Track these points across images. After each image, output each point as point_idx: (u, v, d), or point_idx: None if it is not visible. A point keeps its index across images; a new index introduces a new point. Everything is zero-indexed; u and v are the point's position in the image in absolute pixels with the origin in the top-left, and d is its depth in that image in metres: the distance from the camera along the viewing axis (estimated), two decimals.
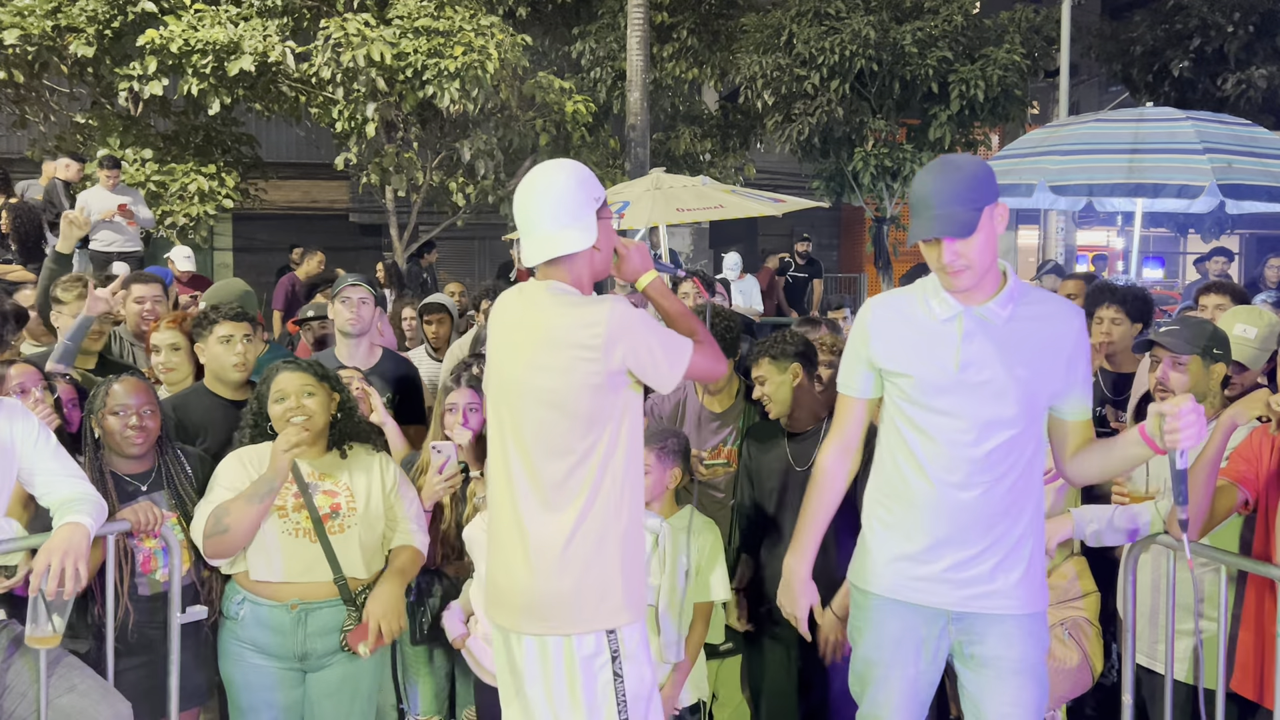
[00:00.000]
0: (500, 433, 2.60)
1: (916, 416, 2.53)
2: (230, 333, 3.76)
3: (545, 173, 2.55)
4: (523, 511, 2.52)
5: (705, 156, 14.61)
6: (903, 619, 2.58)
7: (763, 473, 3.56)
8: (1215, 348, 3.17)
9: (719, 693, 3.70)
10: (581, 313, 2.47)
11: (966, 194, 2.38)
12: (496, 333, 2.65)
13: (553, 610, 2.49)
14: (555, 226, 2.50)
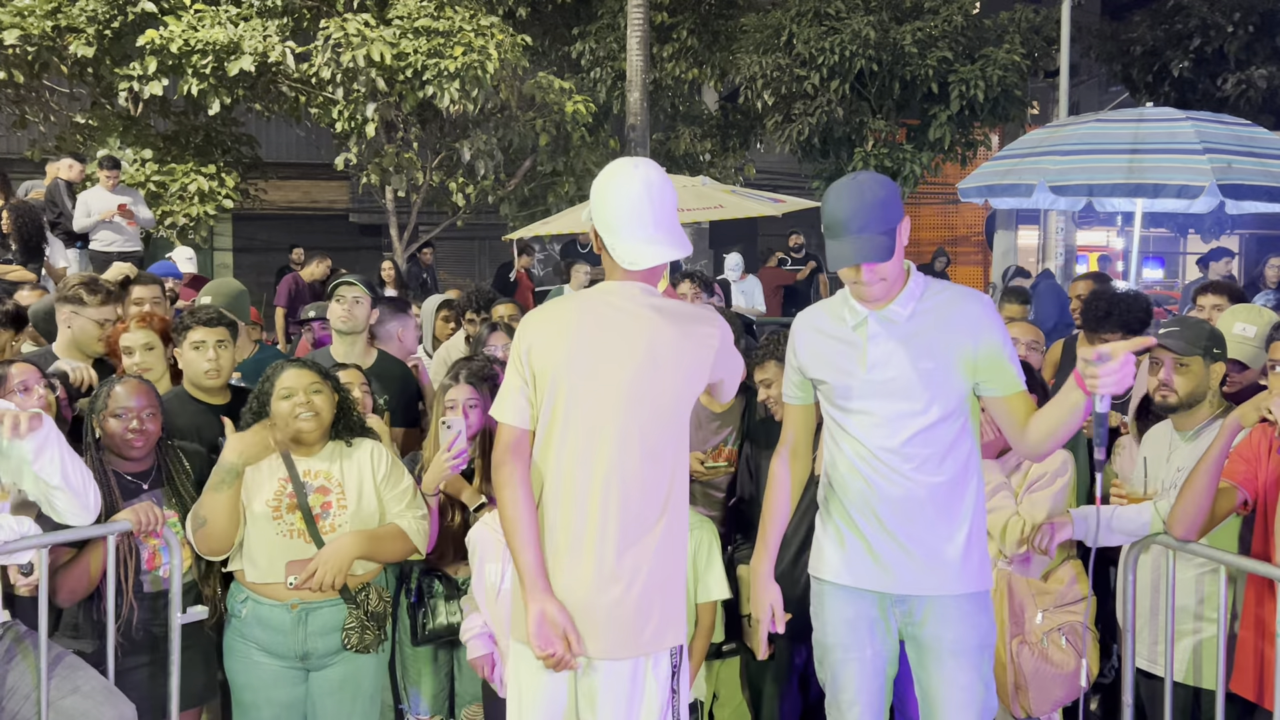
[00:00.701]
0: (596, 439, 2.49)
1: (839, 417, 2.71)
2: (202, 339, 3.74)
3: (654, 172, 2.54)
4: (619, 521, 2.45)
5: (705, 156, 14.61)
6: (854, 604, 2.72)
7: (759, 470, 3.55)
8: (1215, 347, 3.19)
9: (719, 692, 3.70)
10: (699, 315, 2.58)
11: (881, 217, 2.50)
12: (589, 327, 2.53)
13: (645, 628, 2.45)
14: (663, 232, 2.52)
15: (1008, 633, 3.33)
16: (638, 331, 2.49)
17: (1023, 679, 3.31)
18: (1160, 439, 3.36)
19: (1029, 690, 3.30)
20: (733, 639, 3.62)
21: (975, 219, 20.65)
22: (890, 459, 2.62)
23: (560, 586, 2.46)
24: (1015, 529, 3.31)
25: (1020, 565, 3.41)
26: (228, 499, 3.07)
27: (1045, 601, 3.35)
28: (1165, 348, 3.19)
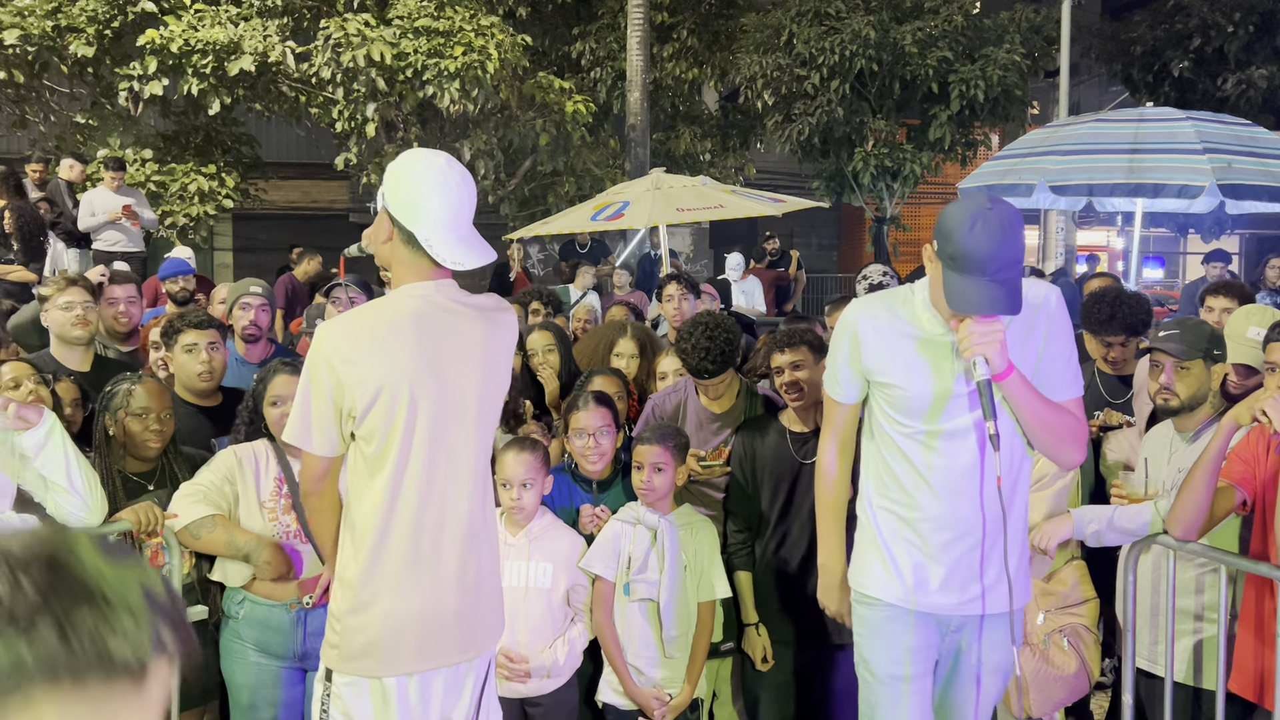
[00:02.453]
0: (445, 448, 2.36)
1: (912, 428, 2.52)
2: (194, 341, 3.74)
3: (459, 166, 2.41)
4: (467, 529, 2.40)
5: (705, 156, 14.61)
6: (920, 631, 2.57)
7: (762, 470, 3.55)
8: (1215, 349, 3.18)
9: (719, 692, 3.70)
10: (505, 321, 2.51)
11: (1019, 258, 2.35)
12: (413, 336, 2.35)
13: (487, 627, 2.46)
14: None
15: None
16: (472, 333, 2.40)
17: (1024, 680, 3.31)
18: (1161, 440, 3.36)
19: (1030, 691, 3.31)
20: (732, 638, 3.62)
21: None
22: (969, 474, 2.48)
23: (408, 601, 2.32)
24: None
25: None
26: (223, 550, 3.09)
27: (1048, 603, 3.35)
28: (1166, 351, 3.19)
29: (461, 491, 2.38)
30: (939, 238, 2.39)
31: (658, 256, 10.38)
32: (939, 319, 2.48)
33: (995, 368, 2.35)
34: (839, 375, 2.65)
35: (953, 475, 2.49)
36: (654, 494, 3.33)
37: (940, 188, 17.72)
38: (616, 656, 3.36)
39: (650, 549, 3.33)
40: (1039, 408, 2.44)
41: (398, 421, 2.30)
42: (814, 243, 21.04)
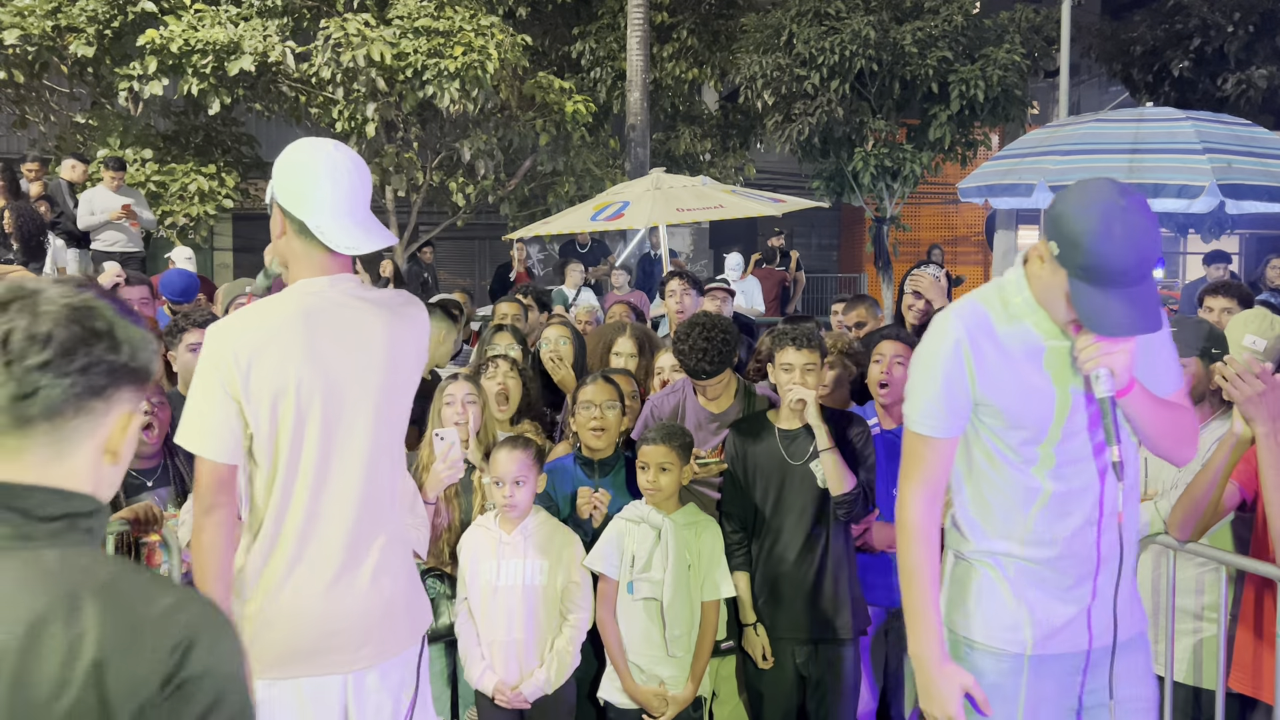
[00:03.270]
0: (351, 448, 2.29)
1: (1024, 454, 2.22)
2: (198, 340, 3.75)
3: (353, 155, 2.37)
4: (374, 526, 2.32)
5: (705, 156, 14.61)
6: (1055, 675, 2.27)
7: (754, 469, 3.55)
8: (1213, 348, 3.17)
9: (719, 690, 3.71)
10: (413, 316, 2.40)
11: (1157, 258, 2.10)
12: (307, 329, 2.27)
13: (407, 620, 2.39)
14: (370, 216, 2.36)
15: None
16: (371, 328, 2.30)
17: None
18: None
19: None
20: (732, 637, 3.63)
21: (975, 219, 20.64)
22: (1097, 498, 2.22)
23: (301, 602, 2.25)
24: None
25: None
26: None
27: None
28: None
29: (357, 492, 2.28)
30: (1062, 243, 2.06)
31: (658, 256, 10.38)
32: (1050, 321, 2.19)
33: (1120, 383, 2.10)
34: (942, 405, 2.23)
35: (1071, 502, 2.22)
36: (660, 494, 3.33)
37: (940, 188, 17.72)
38: (618, 655, 3.36)
39: (654, 548, 3.33)
40: (1160, 414, 2.18)
41: (286, 421, 2.23)
42: (814, 243, 21.05)
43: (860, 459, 3.47)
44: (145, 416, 3.18)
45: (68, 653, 1.08)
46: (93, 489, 1.21)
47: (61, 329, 1.15)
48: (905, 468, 2.33)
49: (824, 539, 3.49)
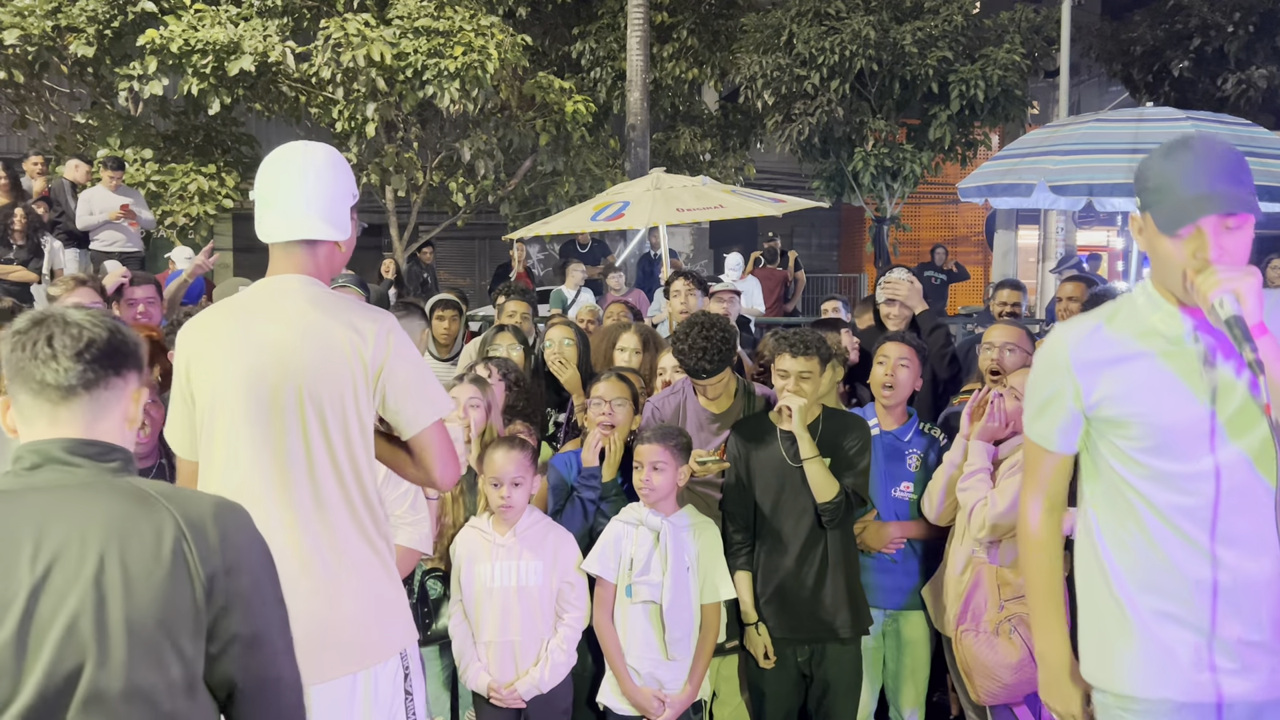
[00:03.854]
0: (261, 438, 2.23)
1: (1156, 468, 2.03)
2: None
3: (308, 151, 2.35)
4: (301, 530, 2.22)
5: (705, 156, 14.61)
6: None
7: (756, 470, 3.56)
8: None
9: (720, 691, 3.71)
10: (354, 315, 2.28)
11: (1247, 175, 1.97)
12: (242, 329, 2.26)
13: (364, 639, 2.24)
14: (309, 209, 2.29)
15: (957, 619, 3.36)
16: (297, 330, 2.23)
17: (967, 666, 3.34)
18: None
19: (974, 678, 3.32)
20: (733, 637, 3.63)
21: (975, 219, 20.64)
22: (1254, 525, 2.00)
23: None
24: (980, 514, 3.34)
25: (990, 552, 3.43)
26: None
27: (1006, 593, 3.37)
28: None
29: (291, 496, 2.22)
30: (1139, 189, 1.99)
31: (658, 256, 10.38)
32: (1174, 312, 2.03)
33: (1250, 315, 1.88)
34: (1058, 420, 2.14)
35: (1221, 519, 2.01)
36: (654, 493, 3.33)
37: (940, 188, 17.72)
38: (616, 658, 3.36)
39: (652, 550, 3.33)
40: None
41: (218, 423, 2.24)
42: (814, 243, 21.05)
43: (851, 464, 3.48)
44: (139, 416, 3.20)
45: (155, 539, 1.56)
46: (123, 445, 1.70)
47: (86, 331, 1.64)
48: (1027, 477, 2.28)
49: (825, 539, 3.50)
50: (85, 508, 1.58)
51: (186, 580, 1.57)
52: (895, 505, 3.72)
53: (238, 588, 1.61)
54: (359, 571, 2.26)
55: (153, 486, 1.65)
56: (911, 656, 3.75)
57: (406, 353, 2.30)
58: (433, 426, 2.31)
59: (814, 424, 3.55)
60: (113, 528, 1.56)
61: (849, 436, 3.51)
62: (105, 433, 1.67)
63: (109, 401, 1.67)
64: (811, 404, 3.49)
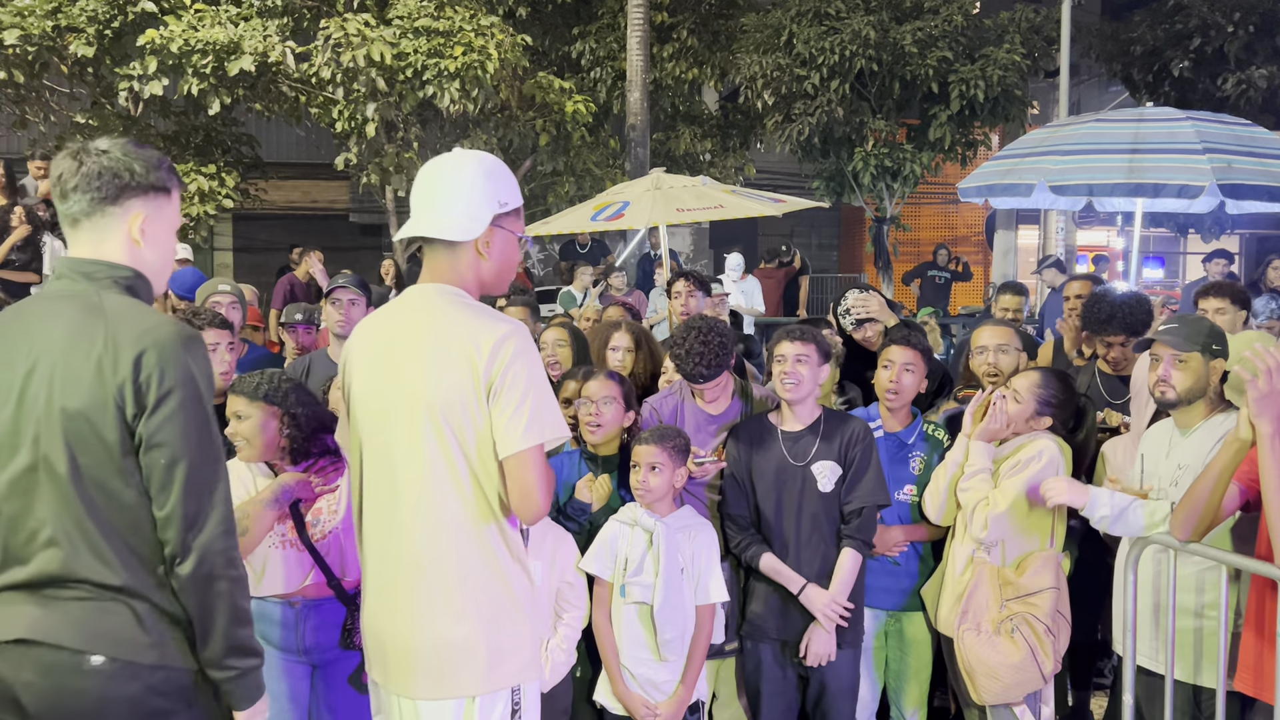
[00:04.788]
0: (381, 452, 2.28)
1: None
2: (216, 341, 3.76)
3: (459, 156, 2.36)
4: (416, 543, 2.23)
5: (705, 156, 14.60)
6: None
7: (756, 471, 3.55)
8: (1215, 344, 3.19)
9: (719, 692, 3.71)
10: (476, 326, 2.24)
11: None
12: (379, 340, 2.32)
13: (452, 665, 2.22)
14: (446, 209, 2.29)
15: (957, 619, 3.36)
16: (423, 342, 2.24)
17: (969, 665, 3.34)
18: (1160, 436, 3.36)
19: (976, 677, 3.33)
20: (732, 639, 3.63)
21: (975, 219, 20.64)
22: None
23: (370, 622, 2.33)
24: (982, 514, 3.34)
25: (991, 551, 3.43)
26: (274, 517, 3.05)
27: (1009, 592, 3.38)
28: (1163, 343, 3.20)
29: (413, 512, 2.23)
30: None
31: (657, 256, 10.37)
32: None
33: None
34: None
35: None
36: (650, 494, 3.33)
37: (940, 188, 17.72)
38: (611, 659, 3.36)
39: (646, 551, 3.33)
40: None
41: (355, 427, 2.35)
42: (814, 243, 21.05)
43: (860, 478, 3.48)
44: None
45: (88, 347, 1.94)
46: (131, 262, 2.07)
47: (86, 166, 2.01)
48: None
49: (824, 541, 3.49)
50: (63, 315, 1.98)
51: (102, 384, 1.93)
52: (899, 508, 3.72)
53: (151, 401, 1.93)
54: (478, 596, 2.23)
55: (113, 303, 2.00)
56: (915, 656, 3.75)
57: (518, 369, 2.20)
58: (527, 452, 2.19)
59: (814, 425, 3.55)
60: (69, 334, 1.96)
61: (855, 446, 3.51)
62: (108, 253, 2.04)
63: (108, 227, 2.03)
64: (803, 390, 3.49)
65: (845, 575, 3.47)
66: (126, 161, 2.06)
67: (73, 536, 1.95)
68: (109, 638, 1.96)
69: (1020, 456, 3.45)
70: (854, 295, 4.59)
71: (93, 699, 1.95)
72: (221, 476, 2.04)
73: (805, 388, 3.49)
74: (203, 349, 2.05)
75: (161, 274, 2.16)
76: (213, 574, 2.00)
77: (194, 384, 1.98)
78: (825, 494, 3.49)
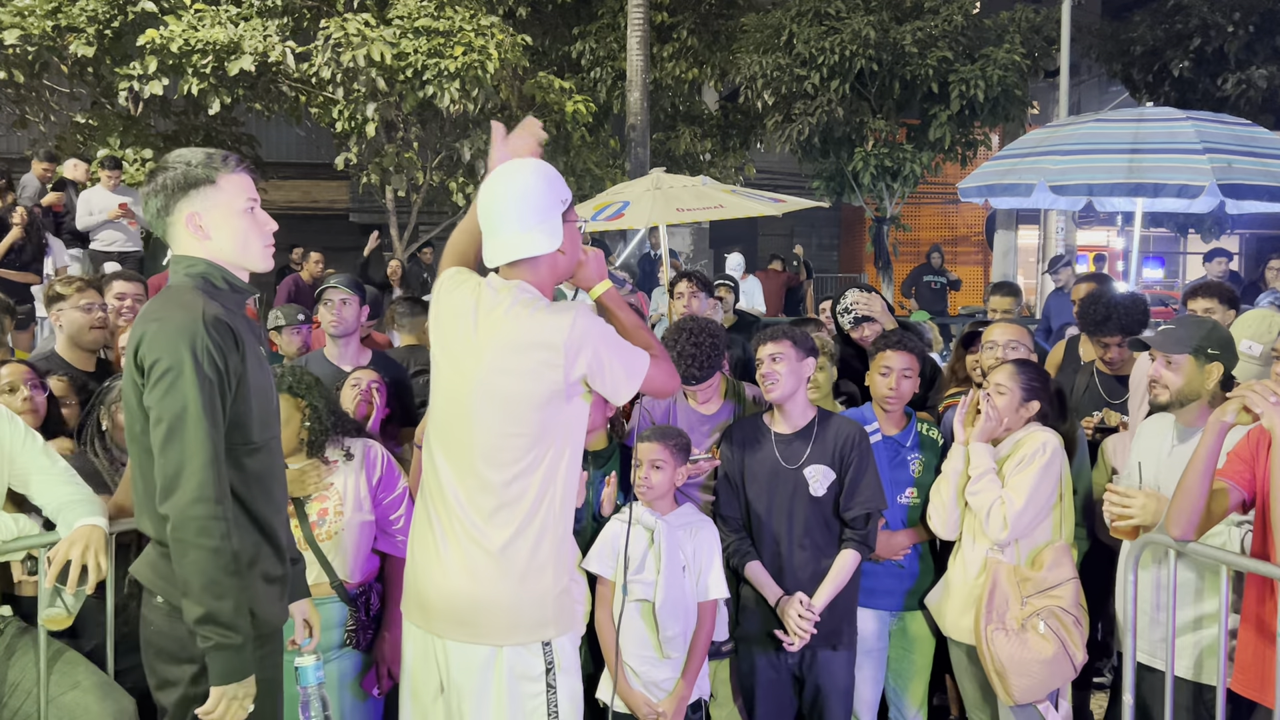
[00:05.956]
0: (442, 432, 2.53)
1: None
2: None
3: (514, 172, 2.51)
4: (461, 516, 2.46)
5: (705, 156, 14.61)
6: None
7: (749, 472, 3.55)
8: (1210, 348, 3.14)
9: (717, 693, 3.70)
10: (547, 318, 2.43)
11: None
12: (449, 327, 2.54)
13: (489, 619, 2.45)
14: (522, 228, 2.47)
15: (983, 620, 3.34)
16: (493, 324, 2.46)
17: (1000, 665, 3.31)
18: (1158, 435, 3.34)
19: (1009, 676, 3.31)
20: (731, 638, 3.62)
21: (975, 219, 20.65)
22: None
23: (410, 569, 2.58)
24: (999, 513, 3.33)
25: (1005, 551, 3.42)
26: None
27: (1027, 588, 3.36)
28: (1155, 345, 3.19)
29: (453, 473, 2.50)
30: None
31: (658, 256, 10.38)
32: None
33: None
34: None
35: None
36: (652, 492, 3.33)
37: (940, 188, 17.73)
38: (613, 656, 3.36)
39: (647, 549, 3.33)
40: None
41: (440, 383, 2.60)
42: (814, 243, 21.06)
43: (858, 484, 3.48)
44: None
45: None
46: (203, 254, 2.37)
47: (143, 190, 2.37)
48: None
49: (815, 545, 3.49)
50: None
51: (132, 360, 2.27)
52: (899, 511, 3.71)
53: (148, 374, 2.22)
54: (515, 560, 2.45)
55: (166, 291, 2.35)
56: (919, 654, 3.76)
57: (591, 344, 2.43)
58: (642, 378, 2.50)
59: (807, 428, 3.54)
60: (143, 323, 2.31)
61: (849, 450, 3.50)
62: (182, 249, 2.37)
63: (174, 232, 2.36)
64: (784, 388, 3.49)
65: (840, 575, 3.46)
66: (172, 173, 2.33)
67: (139, 494, 2.35)
68: (164, 583, 2.31)
69: (1024, 452, 3.44)
70: (855, 293, 4.58)
71: (155, 630, 2.36)
72: (207, 449, 2.19)
73: (785, 386, 3.47)
74: (211, 336, 2.22)
75: (244, 252, 2.41)
76: (183, 539, 2.19)
77: (185, 363, 2.17)
78: (817, 498, 3.48)
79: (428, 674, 2.53)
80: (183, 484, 2.18)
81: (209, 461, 2.20)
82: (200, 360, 2.19)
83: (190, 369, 2.18)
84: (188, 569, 2.20)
